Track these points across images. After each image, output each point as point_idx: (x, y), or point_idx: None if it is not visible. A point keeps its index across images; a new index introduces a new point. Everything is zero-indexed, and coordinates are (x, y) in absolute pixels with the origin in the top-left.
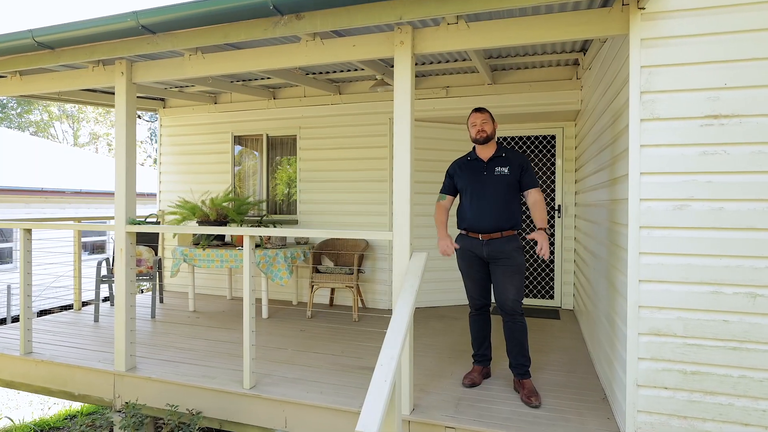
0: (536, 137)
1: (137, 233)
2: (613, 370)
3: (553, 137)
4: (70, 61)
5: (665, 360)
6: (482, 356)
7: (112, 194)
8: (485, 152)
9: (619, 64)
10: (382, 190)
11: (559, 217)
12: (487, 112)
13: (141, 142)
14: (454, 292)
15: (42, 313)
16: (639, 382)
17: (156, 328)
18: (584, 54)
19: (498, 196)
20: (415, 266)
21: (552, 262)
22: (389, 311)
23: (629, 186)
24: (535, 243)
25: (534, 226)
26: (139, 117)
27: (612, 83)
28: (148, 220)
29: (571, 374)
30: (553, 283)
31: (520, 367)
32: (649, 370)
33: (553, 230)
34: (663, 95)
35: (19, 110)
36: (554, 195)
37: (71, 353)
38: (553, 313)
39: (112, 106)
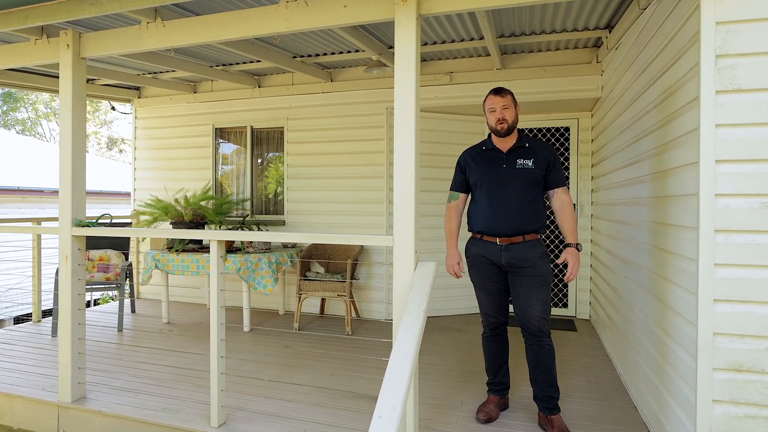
0: (548, 129)
1: (97, 237)
2: (667, 410)
3: (567, 129)
4: (2, 29)
5: (750, 404)
6: (499, 385)
7: (92, 193)
8: (505, 142)
9: (675, 25)
10: (379, 187)
11: None
12: (509, 94)
13: (131, 139)
14: (459, 299)
15: (19, 320)
16: (713, 431)
17: (120, 344)
18: (610, 31)
19: (520, 194)
20: (421, 280)
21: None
22: (386, 322)
23: (700, 178)
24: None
25: (549, 229)
26: (113, 109)
27: (661, 53)
28: (100, 221)
29: (604, 403)
30: (567, 290)
31: (548, 400)
32: (727, 416)
33: None
34: (746, 59)
35: (5, 108)
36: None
37: (14, 378)
38: (568, 324)
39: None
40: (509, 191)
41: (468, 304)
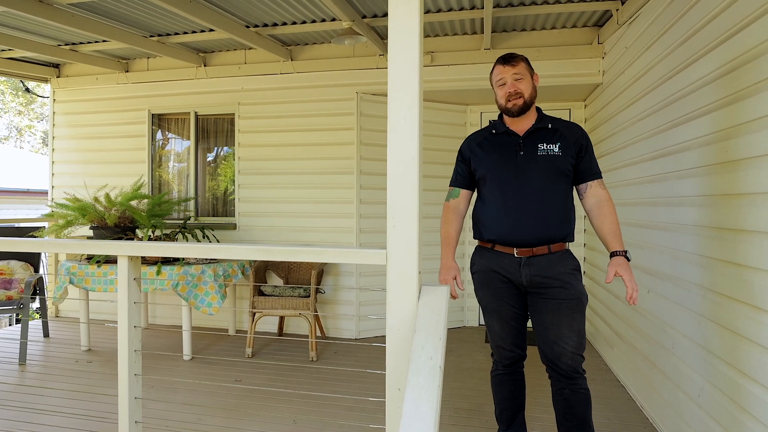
0: None
1: None
2: None
3: None
4: None
5: None
6: None
7: (20, 192)
8: (520, 123)
9: None
10: (348, 184)
11: None
12: (522, 60)
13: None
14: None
15: None
16: None
17: (18, 385)
18: (623, 3)
19: (544, 189)
20: (431, 315)
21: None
22: (357, 343)
23: None
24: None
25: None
26: (27, 90)
27: (719, 16)
28: None
29: None
30: None
31: None
32: None
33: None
34: None
35: None
36: None
37: None
38: None
39: None
40: (530, 186)
41: (452, 317)
